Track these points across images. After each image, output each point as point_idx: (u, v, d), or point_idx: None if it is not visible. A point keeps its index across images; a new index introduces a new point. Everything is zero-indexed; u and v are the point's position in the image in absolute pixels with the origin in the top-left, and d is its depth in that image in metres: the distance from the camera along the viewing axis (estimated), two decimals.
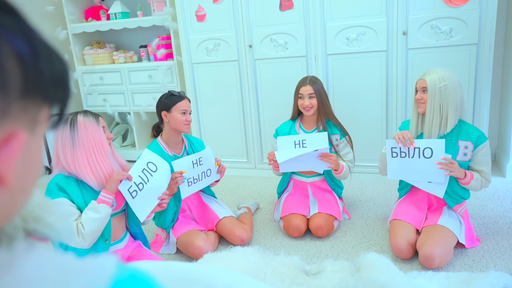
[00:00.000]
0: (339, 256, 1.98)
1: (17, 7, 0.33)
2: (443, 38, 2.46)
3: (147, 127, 3.75)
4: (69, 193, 1.58)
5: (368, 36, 2.60)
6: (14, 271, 0.33)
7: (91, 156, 1.57)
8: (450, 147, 1.87)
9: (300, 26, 2.73)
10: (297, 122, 2.32)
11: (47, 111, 0.36)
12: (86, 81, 3.62)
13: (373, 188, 2.74)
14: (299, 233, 2.16)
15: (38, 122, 0.35)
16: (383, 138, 2.75)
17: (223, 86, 3.06)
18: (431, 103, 1.82)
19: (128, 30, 3.58)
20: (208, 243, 2.00)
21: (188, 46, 3.05)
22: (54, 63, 0.36)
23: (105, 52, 3.57)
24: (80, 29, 3.50)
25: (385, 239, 2.09)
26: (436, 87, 1.80)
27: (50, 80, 0.35)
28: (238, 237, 2.10)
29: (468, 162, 1.87)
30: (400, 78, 2.61)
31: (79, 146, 1.56)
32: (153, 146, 2.10)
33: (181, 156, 2.14)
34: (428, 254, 1.76)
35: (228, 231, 2.12)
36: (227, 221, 2.15)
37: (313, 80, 2.22)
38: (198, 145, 2.22)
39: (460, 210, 1.95)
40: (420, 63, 2.54)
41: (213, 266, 1.61)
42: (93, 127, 1.59)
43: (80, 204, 1.59)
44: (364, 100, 2.72)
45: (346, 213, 2.36)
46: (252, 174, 3.16)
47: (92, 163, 1.58)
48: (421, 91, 1.86)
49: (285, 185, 2.39)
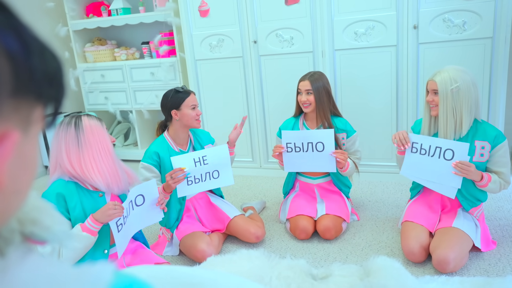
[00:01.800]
0: (348, 260, 1.96)
1: (7, 2, 0.33)
2: (456, 32, 2.42)
3: (150, 125, 3.75)
4: (67, 200, 1.57)
5: (377, 31, 2.56)
6: (7, 278, 0.33)
7: (98, 157, 1.58)
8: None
9: (306, 21, 2.70)
10: (301, 120, 2.29)
11: (41, 111, 0.36)
12: (87, 78, 3.62)
13: (383, 188, 2.71)
14: (306, 235, 2.13)
15: (31, 122, 0.35)
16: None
17: (227, 83, 3.04)
18: (444, 106, 1.77)
19: (130, 26, 3.58)
20: (211, 246, 1.99)
21: (191, 42, 3.04)
22: (47, 60, 0.35)
23: (106, 49, 3.57)
24: (81, 26, 3.50)
25: (396, 242, 2.05)
26: (448, 89, 1.74)
27: (43, 78, 0.34)
28: (253, 234, 2.10)
29: (485, 163, 1.82)
30: (411, 74, 2.57)
31: (86, 148, 1.56)
32: (159, 142, 2.09)
33: (187, 151, 2.12)
34: (442, 257, 1.73)
35: (242, 229, 2.11)
36: (240, 220, 2.14)
37: (315, 76, 2.18)
38: (204, 137, 2.21)
39: (476, 213, 1.91)
40: (432, 58, 2.50)
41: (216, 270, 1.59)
42: (99, 129, 1.61)
43: (78, 211, 1.58)
44: (373, 97, 2.69)
45: (355, 214, 2.33)
46: (258, 174, 3.14)
47: (99, 164, 1.58)
48: (432, 93, 1.81)
49: (290, 186, 2.37)
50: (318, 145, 2.10)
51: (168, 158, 2.02)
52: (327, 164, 2.11)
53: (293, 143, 2.13)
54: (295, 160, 2.15)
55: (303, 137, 2.11)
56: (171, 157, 1.95)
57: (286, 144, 2.15)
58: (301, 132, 2.14)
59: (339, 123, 2.22)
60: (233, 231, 2.15)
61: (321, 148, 2.09)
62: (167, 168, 2.04)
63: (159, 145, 2.08)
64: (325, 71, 2.72)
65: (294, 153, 2.15)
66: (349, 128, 2.23)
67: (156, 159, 2.04)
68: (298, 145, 2.13)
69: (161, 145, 2.07)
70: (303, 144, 2.12)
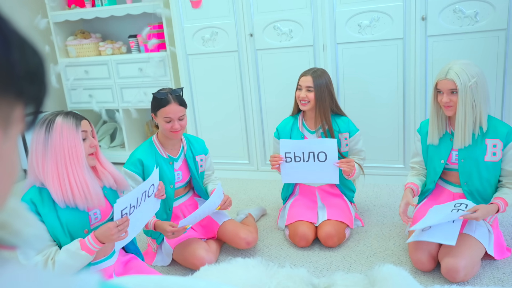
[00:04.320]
0: (352, 268, 1.96)
1: None
2: (467, 24, 2.43)
3: (138, 125, 3.75)
4: (38, 208, 1.51)
5: (382, 22, 2.57)
6: None
7: (61, 166, 1.50)
8: (476, 146, 1.85)
9: (306, 12, 2.71)
10: (300, 120, 2.30)
11: (21, 110, 0.36)
12: (70, 75, 3.62)
13: (389, 191, 2.72)
14: (306, 242, 2.14)
15: (11, 121, 0.35)
16: (399, 137, 2.72)
17: (221, 79, 3.04)
18: (463, 104, 1.77)
19: (116, 18, 3.57)
20: (210, 253, 2.00)
21: (183, 36, 3.04)
22: (28, 56, 0.35)
23: (90, 43, 3.56)
24: (62, 17, 3.49)
25: (403, 249, 2.06)
26: (467, 86, 1.75)
27: (23, 75, 0.34)
28: (243, 239, 2.08)
29: (499, 163, 1.84)
30: (419, 69, 2.58)
31: (50, 153, 1.49)
32: (145, 146, 2.07)
33: (177, 158, 2.10)
34: (451, 266, 1.73)
35: (231, 234, 2.10)
36: (229, 225, 2.14)
37: (318, 73, 2.19)
38: (198, 146, 2.19)
39: (489, 219, 1.92)
40: (442, 52, 2.51)
41: (210, 280, 1.59)
42: (70, 132, 1.51)
43: (53, 224, 1.52)
44: (378, 94, 2.70)
45: (359, 220, 2.34)
46: (254, 177, 3.15)
47: (60, 174, 1.49)
48: (449, 93, 1.80)
49: (290, 190, 2.38)
50: (320, 155, 2.10)
51: (153, 166, 1.97)
52: (329, 175, 2.13)
53: (292, 152, 2.13)
54: (294, 170, 2.16)
55: (303, 146, 2.11)
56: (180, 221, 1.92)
57: (284, 154, 2.14)
58: (301, 141, 2.15)
59: (341, 123, 2.23)
60: (223, 237, 2.15)
61: (323, 158, 2.10)
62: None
63: (145, 151, 2.04)
64: (326, 66, 2.73)
65: (294, 163, 2.15)
66: (351, 127, 2.24)
67: (140, 167, 2.01)
68: (298, 155, 2.13)
69: (147, 151, 2.04)
70: (303, 154, 2.12)
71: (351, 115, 2.47)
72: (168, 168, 2.07)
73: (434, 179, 1.99)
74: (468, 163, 1.87)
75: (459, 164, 1.90)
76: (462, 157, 1.88)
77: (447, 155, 1.92)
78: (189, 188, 2.25)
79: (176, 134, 2.01)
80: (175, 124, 1.97)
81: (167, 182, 2.05)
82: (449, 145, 1.91)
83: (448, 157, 1.93)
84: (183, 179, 2.15)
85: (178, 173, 2.11)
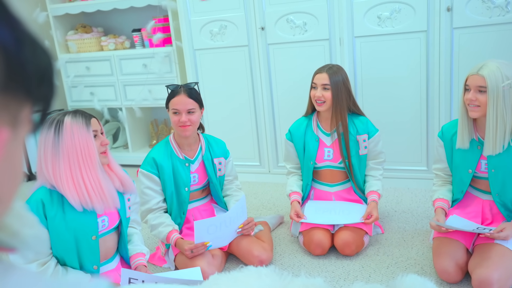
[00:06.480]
0: (371, 279, 1.96)
1: None
2: (497, 14, 2.40)
3: (142, 125, 3.77)
4: (47, 208, 1.55)
5: (404, 14, 2.56)
6: None
7: (74, 167, 1.53)
8: (508, 154, 1.79)
9: (322, 4, 2.71)
10: (314, 121, 2.29)
11: (29, 110, 0.37)
12: (70, 71, 3.65)
13: (411, 196, 2.70)
14: (322, 250, 2.13)
15: (19, 121, 0.36)
16: (422, 138, 2.70)
17: (230, 76, 3.05)
18: (493, 106, 1.71)
19: (119, 11, 3.60)
20: (212, 266, 1.97)
21: (189, 29, 3.05)
22: (38, 56, 0.37)
23: (91, 38, 3.60)
24: (62, 11, 3.53)
25: (427, 258, 2.05)
26: (499, 86, 1.70)
27: (34, 74, 0.36)
28: (256, 257, 2.06)
29: None
30: (444, 65, 2.56)
31: (62, 154, 1.53)
32: (161, 146, 2.10)
33: (194, 160, 2.11)
34: (484, 278, 1.71)
35: (244, 251, 2.09)
36: (243, 239, 2.11)
37: (334, 69, 2.18)
38: (218, 148, 2.19)
39: None
40: (469, 45, 2.49)
41: None
42: (81, 132, 1.55)
43: (59, 228, 1.56)
44: (399, 91, 2.68)
45: (378, 227, 2.33)
46: (266, 180, 3.15)
47: (75, 176, 1.53)
48: (476, 91, 1.75)
49: (305, 195, 2.37)
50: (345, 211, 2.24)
51: (169, 167, 2.02)
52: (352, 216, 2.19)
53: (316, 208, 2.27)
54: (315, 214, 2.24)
55: (329, 208, 2.25)
56: (194, 221, 1.94)
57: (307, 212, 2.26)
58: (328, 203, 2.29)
59: (359, 123, 2.22)
60: (234, 252, 2.14)
61: (348, 213, 2.22)
62: (166, 179, 2.04)
63: (160, 150, 2.08)
64: (343, 61, 2.72)
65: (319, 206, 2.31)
66: (370, 127, 2.24)
67: (155, 166, 2.05)
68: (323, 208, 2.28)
69: (162, 150, 2.08)
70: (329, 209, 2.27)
71: (369, 114, 2.46)
72: (184, 170, 2.09)
73: (463, 189, 1.96)
74: (500, 172, 1.83)
75: (489, 174, 1.86)
76: (492, 166, 1.84)
77: (475, 164, 1.88)
78: (207, 192, 2.25)
79: (185, 130, 2.01)
80: (182, 116, 1.99)
81: (181, 185, 2.07)
82: (476, 153, 1.87)
83: (476, 166, 1.89)
84: (199, 182, 2.15)
85: (194, 176, 2.12)
